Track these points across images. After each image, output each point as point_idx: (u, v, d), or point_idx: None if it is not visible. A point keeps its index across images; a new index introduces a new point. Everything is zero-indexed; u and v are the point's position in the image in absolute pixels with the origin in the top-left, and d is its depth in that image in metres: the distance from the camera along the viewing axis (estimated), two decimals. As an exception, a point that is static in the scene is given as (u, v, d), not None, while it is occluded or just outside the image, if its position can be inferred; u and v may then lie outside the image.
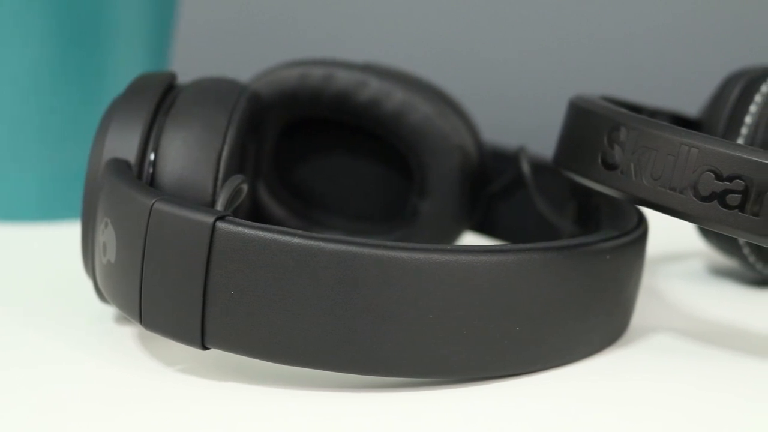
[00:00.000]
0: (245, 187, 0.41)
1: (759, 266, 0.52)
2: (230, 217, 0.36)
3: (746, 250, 0.52)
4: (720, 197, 0.37)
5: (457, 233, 0.54)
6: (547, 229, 0.53)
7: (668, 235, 0.52)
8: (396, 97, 0.52)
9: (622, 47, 0.85)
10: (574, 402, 0.38)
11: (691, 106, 0.58)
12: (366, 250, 0.36)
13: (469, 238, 0.56)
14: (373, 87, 0.52)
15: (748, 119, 0.51)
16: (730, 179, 0.37)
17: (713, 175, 0.37)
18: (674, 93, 0.71)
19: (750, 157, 0.37)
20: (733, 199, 0.37)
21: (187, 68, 0.57)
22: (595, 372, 0.40)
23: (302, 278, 0.36)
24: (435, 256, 0.36)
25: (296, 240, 0.36)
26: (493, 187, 0.55)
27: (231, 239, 0.36)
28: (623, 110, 0.42)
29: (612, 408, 0.37)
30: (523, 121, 0.77)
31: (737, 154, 0.37)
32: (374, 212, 0.56)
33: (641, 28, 0.85)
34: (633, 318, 0.46)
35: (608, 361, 0.41)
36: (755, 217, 0.37)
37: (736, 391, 0.39)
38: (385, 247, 0.36)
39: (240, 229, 0.36)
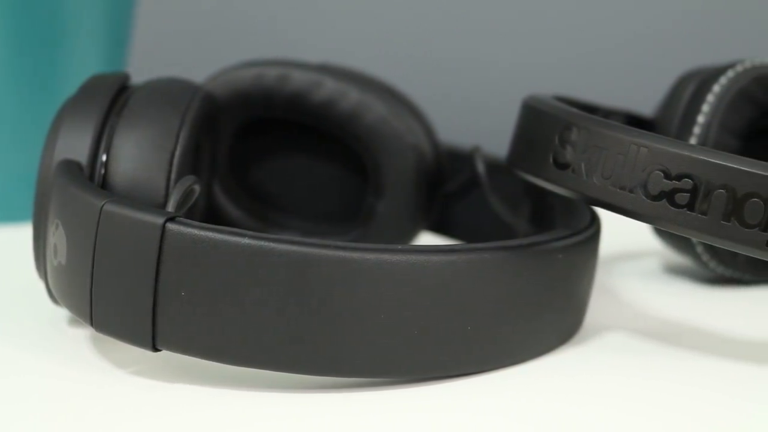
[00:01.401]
0: (197, 187, 0.41)
1: (712, 265, 0.53)
2: (180, 218, 0.36)
3: (699, 249, 0.52)
4: (669, 196, 0.38)
5: (413, 233, 0.54)
6: (502, 228, 0.53)
7: (624, 233, 0.52)
8: (351, 97, 0.52)
9: (580, 47, 0.86)
10: (526, 401, 0.38)
11: (650, 105, 0.58)
12: (316, 251, 0.36)
13: (426, 238, 0.56)
14: (329, 87, 0.52)
15: (700, 119, 0.51)
16: (678, 178, 0.37)
17: (662, 174, 0.38)
18: (631, 93, 0.72)
19: (698, 156, 0.37)
20: (682, 198, 0.37)
21: (145, 69, 0.57)
22: (546, 371, 0.40)
23: (253, 279, 0.36)
24: (386, 257, 0.36)
25: (246, 241, 0.36)
26: (449, 187, 0.55)
27: (181, 240, 0.36)
28: (574, 110, 0.42)
29: (563, 406, 0.37)
30: (479, 121, 0.77)
31: (686, 153, 0.37)
32: (331, 213, 0.56)
33: (598, 29, 0.86)
34: (586, 317, 0.46)
35: (560, 359, 0.42)
36: (704, 216, 0.37)
37: (687, 389, 0.39)
38: (336, 248, 0.36)
39: (190, 230, 0.36)
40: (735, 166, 0.36)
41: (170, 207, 0.39)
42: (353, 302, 0.36)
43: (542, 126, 0.43)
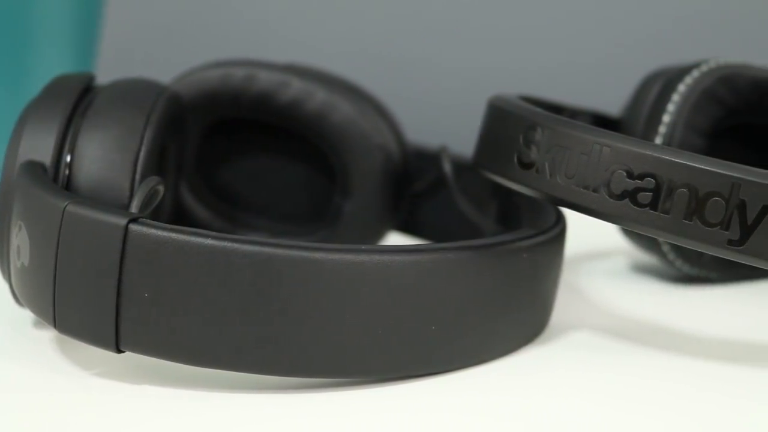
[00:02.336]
0: (161, 188, 0.41)
1: (678, 263, 0.53)
2: (143, 219, 0.36)
3: (666, 248, 0.52)
4: (632, 195, 0.38)
5: (380, 233, 0.54)
6: (470, 228, 0.53)
7: (592, 233, 0.52)
8: (318, 97, 0.52)
9: (548, 48, 0.86)
10: (491, 400, 0.38)
11: (618, 105, 0.58)
12: (280, 251, 0.36)
13: (394, 238, 0.56)
14: (295, 87, 0.52)
15: (666, 118, 0.51)
16: (641, 177, 0.37)
17: (625, 174, 0.38)
18: (599, 92, 0.72)
19: (661, 156, 0.37)
20: (645, 197, 0.37)
21: (114, 69, 0.57)
22: (511, 369, 0.40)
23: (216, 280, 0.36)
24: (349, 257, 0.36)
25: (209, 241, 0.36)
26: (417, 186, 0.55)
27: (144, 241, 0.36)
28: (539, 110, 0.42)
29: (528, 404, 0.37)
30: (447, 120, 0.77)
31: (648, 152, 0.37)
32: (299, 213, 0.56)
33: (566, 30, 0.86)
34: (553, 315, 0.46)
35: (526, 358, 0.42)
36: (666, 215, 0.37)
37: (653, 387, 0.39)
38: (299, 248, 0.36)
39: (153, 231, 0.36)
40: (697, 166, 0.37)
41: (133, 208, 0.39)
42: (317, 303, 0.36)
43: (507, 126, 0.43)
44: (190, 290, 0.36)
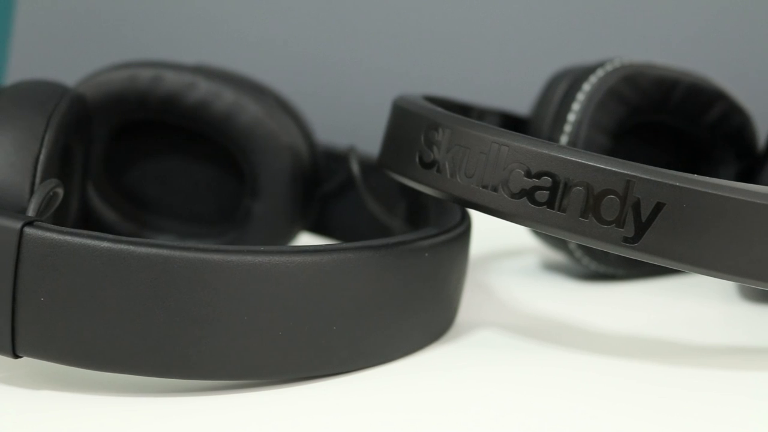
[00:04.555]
0: (61, 191, 0.40)
1: (585, 261, 0.53)
2: (39, 222, 0.36)
3: (572, 246, 0.53)
4: (529, 194, 0.38)
5: (290, 234, 0.54)
6: (380, 228, 0.53)
7: (504, 232, 0.53)
8: (225, 98, 0.52)
9: (461, 47, 0.86)
10: (394, 399, 0.38)
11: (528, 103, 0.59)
12: (177, 253, 0.35)
13: (305, 239, 0.56)
14: (202, 88, 0.52)
15: (571, 117, 0.52)
16: (538, 176, 0.38)
17: (522, 173, 0.38)
18: (506, 92, 0.72)
19: (557, 155, 0.38)
20: (542, 195, 0.38)
21: (23, 72, 0.56)
22: (415, 368, 0.41)
23: (113, 283, 0.35)
24: (248, 258, 0.36)
25: (105, 244, 0.35)
26: (327, 187, 0.55)
27: (39, 245, 0.35)
28: (440, 110, 0.42)
29: (429, 403, 0.38)
30: (358, 120, 0.77)
31: (544, 151, 0.38)
32: (208, 214, 0.55)
33: (479, 27, 0.86)
34: (460, 314, 0.46)
35: (429, 357, 0.42)
36: (562, 213, 0.37)
37: (559, 383, 0.40)
38: (197, 250, 0.36)
39: (48, 234, 0.35)
40: (592, 164, 0.37)
41: (30, 211, 0.38)
42: (215, 304, 0.36)
43: (409, 126, 0.43)
44: (88, 294, 0.35)
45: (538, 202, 0.38)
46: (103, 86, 0.52)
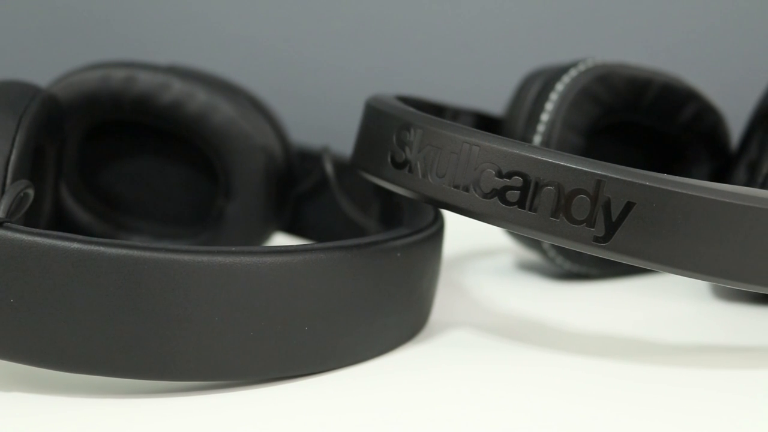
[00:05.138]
0: (31, 192, 0.40)
1: (559, 261, 0.54)
2: (8, 224, 0.36)
3: (546, 246, 0.53)
4: (500, 194, 0.38)
5: (265, 234, 0.54)
6: (354, 228, 0.53)
7: (480, 232, 0.53)
8: (198, 98, 0.51)
9: (436, 46, 0.86)
10: (367, 399, 0.38)
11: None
12: (148, 254, 0.35)
13: (280, 239, 0.56)
14: (176, 89, 0.51)
15: (545, 117, 0.52)
16: (509, 176, 0.38)
17: (494, 173, 0.38)
18: (481, 92, 0.73)
19: (528, 154, 0.38)
20: (513, 195, 0.38)
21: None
22: (387, 368, 0.41)
23: (83, 284, 0.35)
24: (218, 259, 0.36)
25: (76, 245, 0.35)
26: (301, 187, 0.55)
27: (9, 246, 0.35)
28: (411, 110, 0.42)
29: (400, 403, 0.38)
30: (333, 120, 0.77)
31: (515, 151, 0.38)
32: (182, 215, 0.55)
33: (453, 27, 0.86)
34: (434, 313, 0.46)
35: (402, 357, 0.42)
36: (533, 213, 0.38)
37: (532, 381, 0.40)
38: (167, 251, 0.36)
39: (17, 235, 0.35)
40: (562, 164, 0.37)
41: (0, 212, 0.38)
42: (186, 305, 0.36)
43: (381, 126, 0.43)
44: (58, 295, 0.35)
45: (509, 201, 0.38)
46: (76, 87, 0.52)
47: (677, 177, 0.37)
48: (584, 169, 0.37)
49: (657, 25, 0.83)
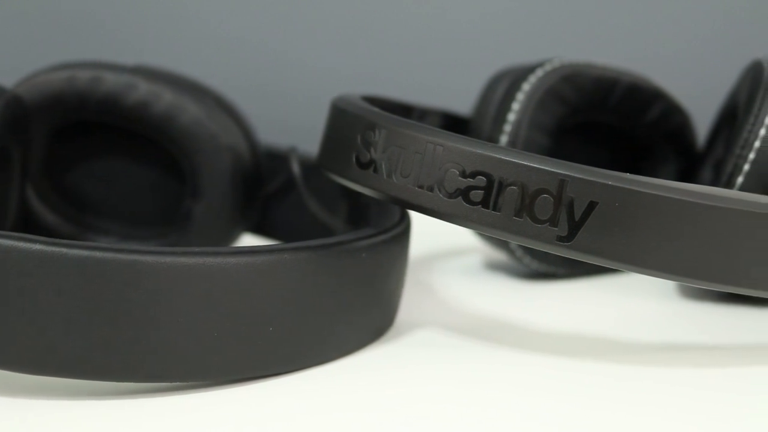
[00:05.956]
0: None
1: (526, 260, 0.54)
2: (-30, 226, 0.36)
3: (513, 245, 0.53)
4: (464, 194, 0.38)
5: (232, 235, 0.54)
6: (322, 229, 0.53)
7: (448, 231, 0.53)
8: (165, 99, 0.51)
9: (404, 46, 0.87)
10: (332, 399, 0.38)
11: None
12: (110, 255, 0.35)
13: (248, 240, 0.56)
14: (142, 89, 0.51)
15: (511, 117, 0.52)
16: (473, 176, 0.38)
17: (457, 172, 0.38)
18: (449, 92, 0.73)
19: (491, 154, 0.38)
20: (476, 195, 0.38)
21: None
22: (353, 368, 0.41)
23: (45, 286, 0.35)
24: (182, 259, 0.36)
25: (38, 246, 0.35)
26: (269, 187, 0.55)
27: (-30, 248, 0.35)
28: (376, 110, 0.42)
29: (368, 402, 0.38)
30: (301, 120, 0.77)
31: (479, 151, 0.38)
32: (150, 216, 0.55)
33: (421, 26, 0.86)
34: (401, 314, 0.46)
35: (368, 357, 0.42)
36: (497, 213, 0.38)
37: (498, 379, 0.40)
38: (130, 252, 0.36)
39: (-21, 237, 0.35)
40: (525, 163, 0.37)
41: (-38, 214, 0.38)
42: (149, 307, 0.36)
43: (346, 126, 0.43)
44: (20, 297, 0.35)
45: (473, 201, 0.38)
46: (41, 87, 0.51)
47: (640, 176, 0.37)
48: (547, 168, 0.37)
49: (624, 26, 0.84)
